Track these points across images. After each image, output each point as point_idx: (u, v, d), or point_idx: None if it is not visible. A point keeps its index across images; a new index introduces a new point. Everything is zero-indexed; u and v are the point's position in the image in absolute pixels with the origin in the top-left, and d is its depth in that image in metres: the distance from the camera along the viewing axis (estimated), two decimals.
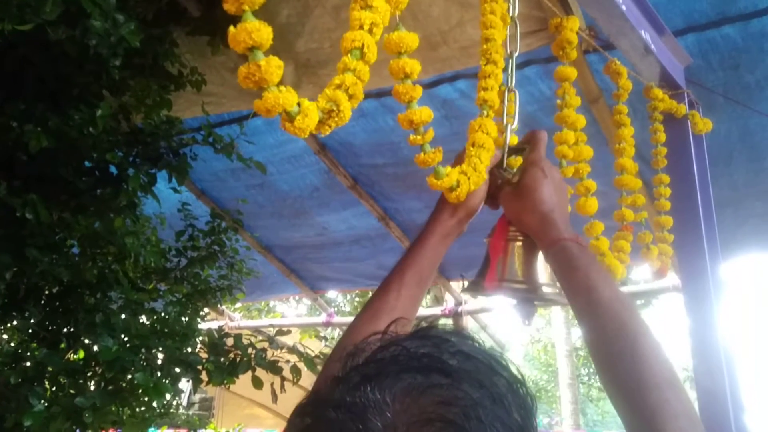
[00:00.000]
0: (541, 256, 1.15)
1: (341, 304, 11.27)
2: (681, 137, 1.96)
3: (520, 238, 1.16)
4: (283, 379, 2.30)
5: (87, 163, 2.49)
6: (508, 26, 1.24)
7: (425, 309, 5.63)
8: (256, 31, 0.62)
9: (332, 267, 5.04)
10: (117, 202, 2.41)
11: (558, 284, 1.12)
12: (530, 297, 1.15)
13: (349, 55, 0.76)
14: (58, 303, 2.52)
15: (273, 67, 0.63)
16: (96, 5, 1.92)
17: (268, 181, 4.05)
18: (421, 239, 1.14)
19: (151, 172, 2.39)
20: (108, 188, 2.39)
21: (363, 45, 0.76)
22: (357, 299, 10.67)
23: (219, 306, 3.93)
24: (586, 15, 2.14)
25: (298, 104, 0.67)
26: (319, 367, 2.46)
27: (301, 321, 6.89)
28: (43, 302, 2.52)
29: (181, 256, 3.01)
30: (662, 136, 1.85)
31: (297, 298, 8.76)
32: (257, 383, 2.29)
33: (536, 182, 1.10)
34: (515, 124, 1.20)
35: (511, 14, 1.21)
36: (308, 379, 2.28)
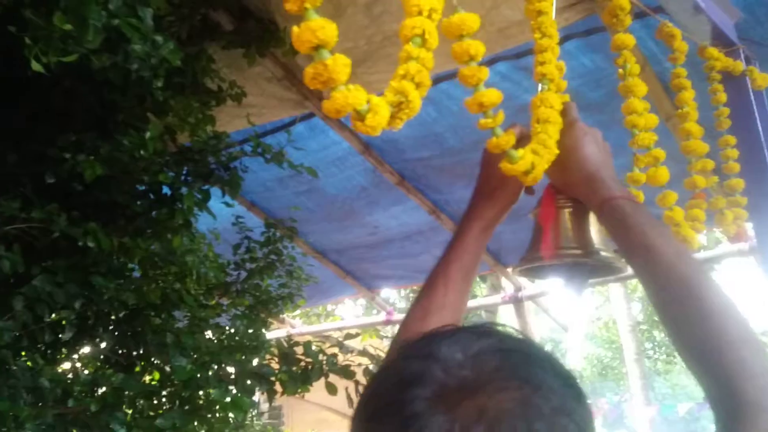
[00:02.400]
0: (593, 220, 1.11)
1: (395, 302, 11.28)
2: (741, 95, 1.88)
3: (569, 204, 1.11)
4: (357, 383, 2.30)
5: (140, 187, 2.53)
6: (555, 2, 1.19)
7: (483, 298, 5.59)
8: (320, 29, 0.60)
9: (387, 264, 5.03)
10: (173, 222, 2.43)
11: (614, 248, 1.08)
12: (588, 263, 1.10)
13: (410, 42, 0.73)
14: (126, 327, 2.56)
15: (340, 65, 0.61)
16: (135, 29, 1.93)
17: (316, 186, 4.05)
18: (462, 233, 1.10)
19: (204, 189, 2.40)
20: (163, 209, 2.42)
21: (424, 31, 0.73)
22: (411, 295, 10.65)
23: (280, 314, 3.94)
24: None
25: (368, 102, 0.65)
26: None
27: (361, 321, 6.89)
28: (112, 327, 2.57)
29: (240, 269, 3.04)
30: (723, 96, 1.78)
31: (354, 299, 8.81)
32: (332, 389, 2.28)
33: (577, 141, 1.06)
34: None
35: None
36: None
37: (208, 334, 2.62)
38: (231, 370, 2.37)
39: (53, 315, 2.26)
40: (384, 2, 2.74)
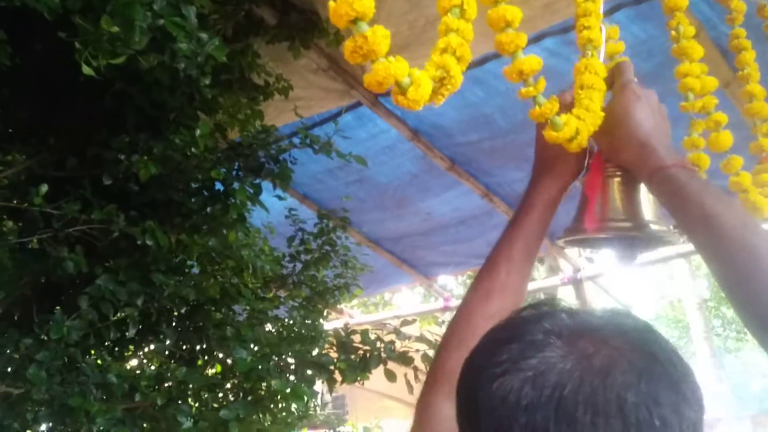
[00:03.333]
0: (645, 191, 1.03)
1: (452, 288, 11.23)
2: None
3: (618, 173, 1.04)
4: (415, 369, 2.29)
5: (194, 184, 2.56)
6: None
7: (542, 280, 5.50)
8: (357, 1, 0.58)
9: (442, 251, 5.01)
10: (228, 217, 2.46)
11: (668, 221, 1.01)
12: (637, 236, 1.03)
13: (449, 14, 0.71)
14: (188, 322, 2.61)
15: (380, 36, 0.59)
16: (180, 27, 1.95)
17: (366, 176, 4.05)
18: (524, 211, 1.05)
19: (256, 183, 2.42)
20: (217, 205, 2.45)
21: (462, 2, 0.71)
22: (468, 281, 10.59)
23: (338, 305, 3.97)
24: None
25: (409, 75, 0.63)
26: None
27: (419, 309, 6.89)
28: (174, 323, 2.62)
29: (296, 261, 3.06)
30: None
31: (411, 287, 8.82)
32: (390, 377, 2.28)
33: (629, 106, 0.99)
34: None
35: None
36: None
37: (268, 326, 2.66)
38: (291, 360, 2.39)
39: (118, 313, 2.32)
40: None
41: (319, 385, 2.57)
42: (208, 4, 2.41)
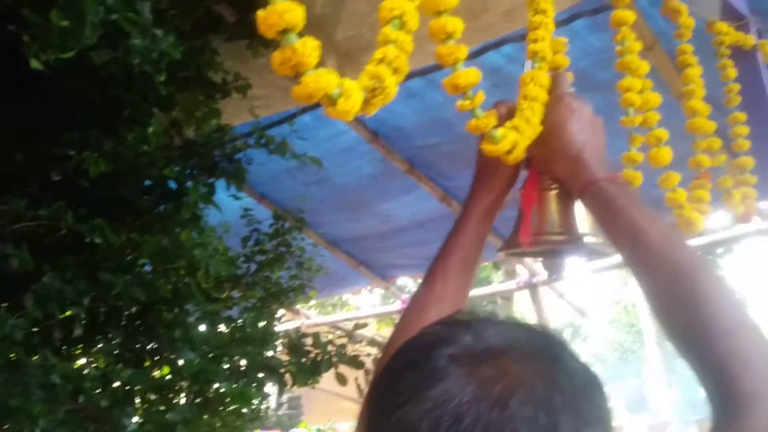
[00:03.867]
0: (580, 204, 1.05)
1: (411, 290, 11.28)
2: (752, 70, 1.83)
3: (554, 186, 1.06)
4: (366, 372, 2.29)
5: (147, 182, 2.52)
6: None
7: (498, 284, 5.56)
8: (288, 11, 0.58)
9: (400, 253, 5.02)
10: (180, 216, 2.43)
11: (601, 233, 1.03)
12: (571, 249, 1.05)
13: (389, 25, 0.70)
14: (138, 322, 2.56)
15: (309, 48, 0.59)
16: (134, 23, 1.92)
17: (325, 177, 4.04)
18: (460, 222, 1.07)
19: (210, 182, 2.39)
20: (170, 203, 2.41)
21: (402, 13, 0.71)
22: None
23: (293, 306, 3.95)
24: None
25: (340, 86, 0.63)
26: None
27: (376, 311, 6.90)
28: (123, 323, 2.57)
29: (250, 262, 3.03)
30: (732, 72, 1.73)
31: (369, 288, 8.81)
32: (341, 380, 2.27)
33: (563, 120, 1.00)
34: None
35: None
36: None
37: (221, 327, 2.63)
38: (244, 362, 2.37)
39: (65, 312, 2.27)
40: None
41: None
42: (165, 0, 2.38)
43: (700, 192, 1.36)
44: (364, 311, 7.11)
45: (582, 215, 1.06)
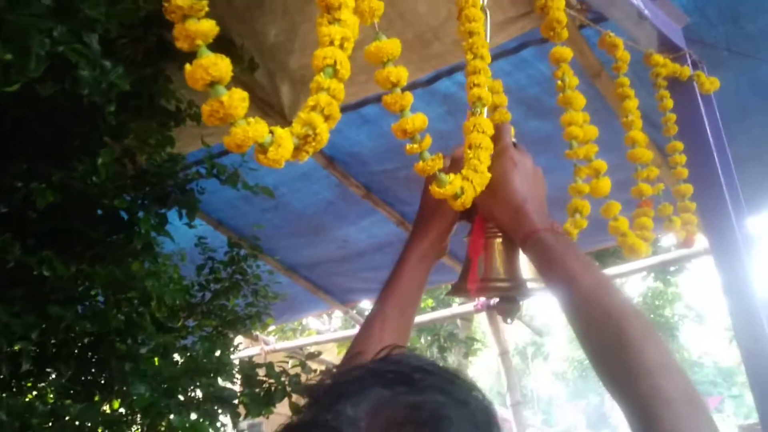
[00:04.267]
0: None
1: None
2: (689, 100, 1.90)
3: (500, 234, 1.12)
4: None
5: (99, 212, 2.49)
6: (485, 17, 1.19)
7: (458, 306, 5.59)
8: (213, 65, 0.59)
9: (358, 278, 5.02)
10: (132, 247, 2.40)
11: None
12: (514, 295, 1.10)
13: (321, 73, 0.72)
14: (89, 354, 2.51)
15: (237, 100, 0.60)
16: (81, 55, 1.90)
17: (282, 203, 4.04)
18: (397, 267, 1.11)
19: (161, 212, 2.37)
20: (122, 234, 2.38)
21: (335, 62, 0.73)
22: None
23: (251, 333, 3.91)
24: None
25: (271, 133, 0.64)
26: None
27: (336, 336, 6.87)
28: (75, 356, 2.52)
29: (205, 290, 3.00)
30: (669, 102, 1.79)
31: (329, 313, 8.76)
32: (295, 409, 2.25)
33: (506, 173, 1.05)
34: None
35: (482, 4, 1.17)
36: None
37: (176, 357, 2.59)
38: (200, 394, 2.34)
39: (13, 346, 2.22)
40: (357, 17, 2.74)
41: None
42: (115, 29, 2.37)
43: (643, 219, 1.40)
44: (324, 336, 7.08)
45: (526, 261, 1.10)
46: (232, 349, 2.85)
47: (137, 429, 2.31)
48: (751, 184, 3.76)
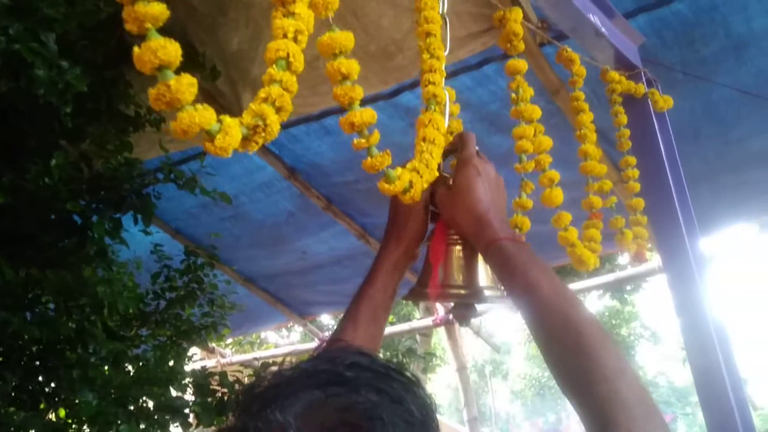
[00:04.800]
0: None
1: (332, 326, 11.19)
2: (643, 117, 1.95)
3: (460, 241, 1.13)
4: None
5: (52, 216, 2.43)
6: (445, 23, 1.21)
7: (417, 321, 5.60)
8: (161, 48, 0.58)
9: (318, 290, 4.99)
10: (85, 252, 2.35)
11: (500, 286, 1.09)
12: (473, 301, 1.11)
13: (274, 66, 0.72)
14: (38, 362, 2.45)
15: (185, 85, 0.59)
16: (37, 54, 1.87)
17: (242, 212, 4.00)
18: (369, 275, 1.11)
19: (115, 217, 2.33)
20: (74, 239, 2.33)
21: (288, 54, 0.72)
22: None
23: (208, 344, 3.85)
24: (538, 9, 2.13)
25: (220, 121, 0.63)
26: None
27: (293, 348, 6.80)
28: (23, 364, 2.45)
29: (160, 299, 2.95)
30: (623, 118, 1.83)
31: (288, 327, 8.68)
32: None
33: (469, 182, 1.06)
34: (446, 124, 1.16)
35: (441, 12, 1.18)
36: None
37: (129, 367, 2.53)
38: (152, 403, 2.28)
39: None
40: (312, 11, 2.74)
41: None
42: (75, 30, 2.33)
43: (591, 231, 1.42)
44: (282, 349, 7.01)
45: (483, 269, 1.12)
46: (186, 360, 2.81)
47: None
48: (704, 206, 3.86)
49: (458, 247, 1.12)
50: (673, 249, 1.86)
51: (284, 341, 10.92)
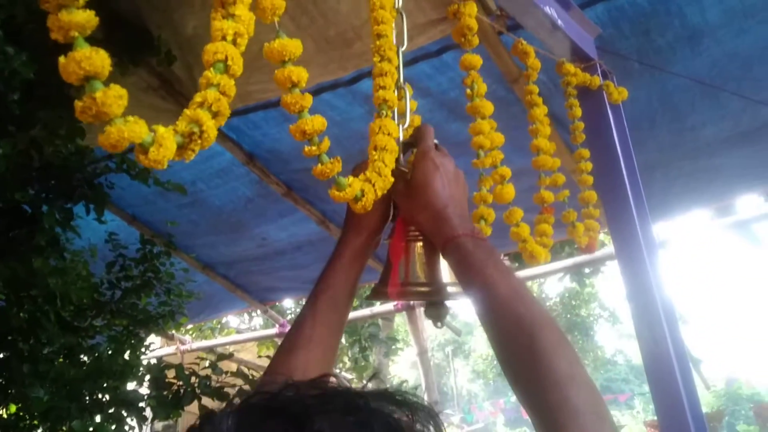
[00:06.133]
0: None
1: (294, 309, 11.14)
2: (598, 109, 1.96)
3: (420, 237, 1.09)
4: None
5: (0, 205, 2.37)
6: (401, 18, 1.19)
7: (378, 306, 5.61)
8: (86, 59, 0.56)
9: (278, 276, 4.96)
10: (35, 242, 2.29)
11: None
12: (434, 299, 1.08)
13: (211, 69, 0.69)
14: None
15: (112, 97, 0.57)
16: None
17: (200, 199, 3.94)
18: (329, 264, 1.07)
19: (67, 207, 2.27)
20: (23, 228, 2.27)
21: (226, 57, 0.70)
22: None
23: (166, 332, 3.80)
24: None
25: (153, 131, 0.61)
26: None
27: (254, 335, 6.77)
28: None
29: (115, 289, 2.90)
30: (578, 111, 1.84)
31: (249, 311, 8.63)
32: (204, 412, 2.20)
33: (427, 176, 1.03)
34: (407, 123, 1.14)
35: (396, 6, 1.17)
36: None
37: (84, 358, 2.49)
38: (107, 397, 2.24)
39: None
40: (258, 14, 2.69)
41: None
42: (21, 14, 2.26)
43: (543, 226, 1.43)
44: (243, 335, 6.96)
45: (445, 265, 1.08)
46: (143, 350, 2.77)
47: None
48: (658, 191, 3.92)
49: (419, 244, 1.09)
50: (625, 238, 1.88)
51: (246, 326, 10.88)
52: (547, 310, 0.89)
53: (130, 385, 2.45)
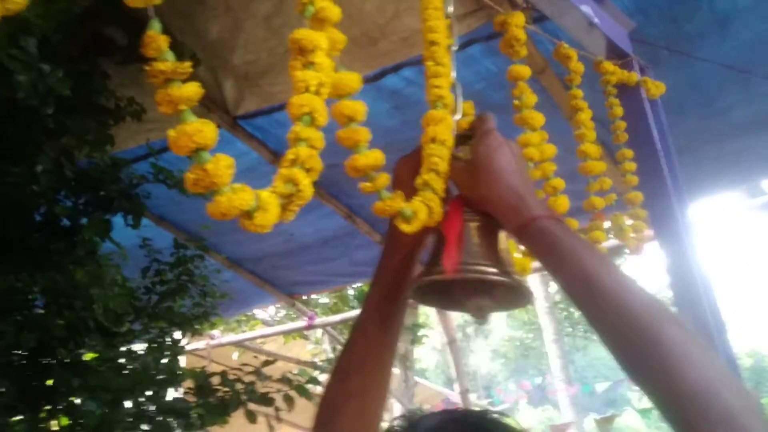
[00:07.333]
0: (502, 237, 0.98)
1: (320, 300, 11.16)
2: (637, 105, 1.93)
3: (477, 217, 0.98)
4: (277, 409, 2.25)
5: (38, 216, 2.38)
6: (454, 24, 1.18)
7: None
8: (198, 132, 0.56)
9: (305, 271, 4.98)
10: (75, 254, 2.32)
11: (514, 266, 0.98)
12: (493, 281, 0.96)
13: (299, 122, 0.70)
14: (33, 364, 2.41)
15: (222, 167, 0.57)
16: (18, 60, 1.81)
17: None
18: (373, 282, 1.01)
19: (106, 219, 2.29)
20: (61, 242, 2.29)
21: (312, 110, 0.70)
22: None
23: (197, 335, 3.84)
24: None
25: (257, 197, 0.61)
26: (314, 391, 2.39)
27: (282, 328, 6.80)
28: (16, 365, 2.42)
29: (151, 294, 2.92)
30: (619, 110, 1.82)
31: (274, 306, 8.67)
32: (251, 417, 2.23)
33: (491, 151, 0.93)
34: (459, 115, 1.08)
35: (446, 11, 1.14)
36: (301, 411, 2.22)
37: (123, 360, 2.51)
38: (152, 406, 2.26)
39: None
40: (283, 15, 2.69)
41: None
42: (52, 28, 2.26)
43: (596, 233, 1.42)
44: (271, 329, 6.99)
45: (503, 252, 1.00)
46: (180, 353, 2.79)
47: None
48: (685, 175, 3.90)
49: (475, 225, 0.98)
50: (669, 233, 1.84)
51: (270, 317, 10.90)
52: (663, 301, 0.78)
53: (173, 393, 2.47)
